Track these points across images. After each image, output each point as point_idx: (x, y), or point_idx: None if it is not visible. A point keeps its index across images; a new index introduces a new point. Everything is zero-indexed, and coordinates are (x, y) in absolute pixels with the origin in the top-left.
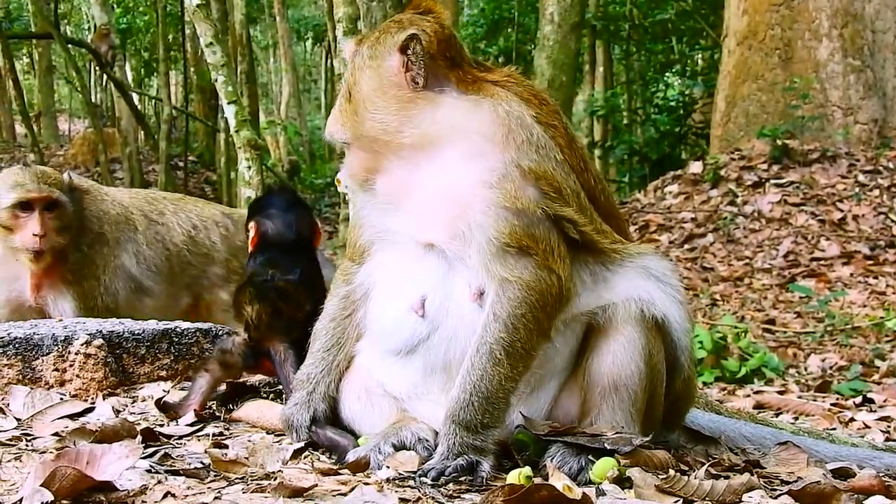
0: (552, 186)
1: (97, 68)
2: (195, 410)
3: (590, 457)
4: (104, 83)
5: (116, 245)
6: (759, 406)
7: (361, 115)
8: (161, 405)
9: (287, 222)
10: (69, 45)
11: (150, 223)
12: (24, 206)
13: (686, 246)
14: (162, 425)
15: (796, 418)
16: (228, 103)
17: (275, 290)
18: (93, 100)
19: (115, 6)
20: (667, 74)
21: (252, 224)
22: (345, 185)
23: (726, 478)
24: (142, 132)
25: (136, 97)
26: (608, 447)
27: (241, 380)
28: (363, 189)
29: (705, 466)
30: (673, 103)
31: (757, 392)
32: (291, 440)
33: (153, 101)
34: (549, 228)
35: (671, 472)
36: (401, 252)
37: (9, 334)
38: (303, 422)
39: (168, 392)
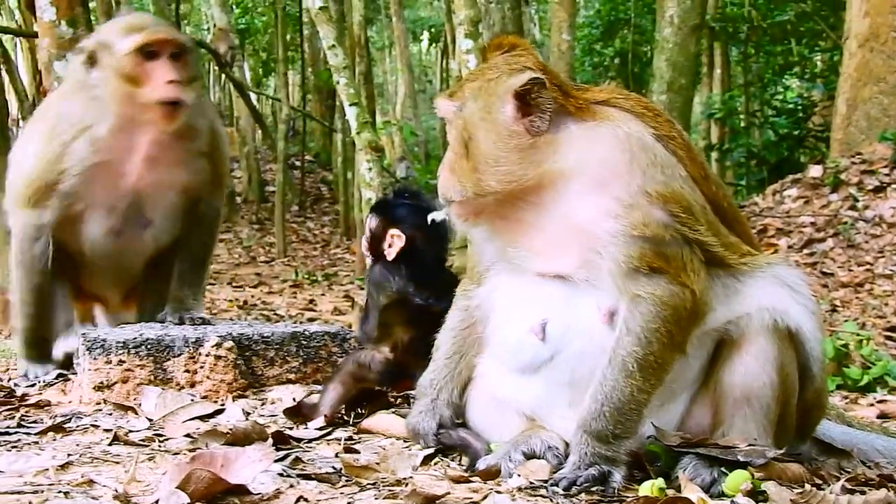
0: (681, 206)
1: (216, 68)
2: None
3: (722, 469)
4: (223, 83)
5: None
6: (883, 416)
7: (482, 171)
8: (290, 412)
9: (439, 238)
10: None
11: None
12: (149, 52)
13: (805, 251)
14: (291, 428)
15: None
16: (350, 105)
17: (430, 316)
18: (212, 99)
19: (234, 7)
20: (786, 76)
21: (397, 232)
22: (445, 218)
23: (862, 493)
24: (260, 131)
25: (254, 97)
26: (741, 459)
27: None
28: (473, 226)
29: (841, 481)
30: (792, 106)
31: (880, 401)
32: (420, 447)
33: (271, 100)
34: (680, 245)
35: (806, 486)
36: (520, 277)
37: (141, 335)
38: (429, 429)
39: (295, 400)
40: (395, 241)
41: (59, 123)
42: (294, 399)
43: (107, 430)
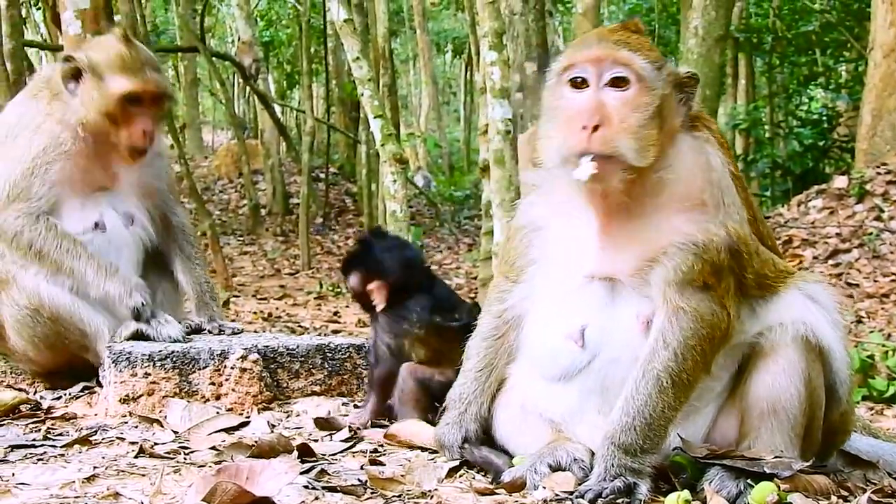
0: (747, 247)
1: (241, 80)
2: (349, 426)
3: (748, 481)
4: (247, 95)
5: None
6: None
7: (652, 143)
8: (319, 422)
9: (416, 262)
10: (214, 58)
11: None
12: (135, 99)
13: (830, 262)
14: (316, 441)
15: None
16: (374, 118)
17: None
18: (236, 112)
19: (258, 20)
20: (810, 87)
21: (375, 284)
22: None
23: None
24: (284, 144)
25: (278, 109)
26: (767, 471)
27: None
28: (603, 188)
29: (867, 493)
30: (816, 116)
31: None
32: (445, 459)
33: (295, 112)
34: (732, 274)
35: (832, 498)
36: (561, 278)
37: (167, 348)
38: (455, 441)
39: (330, 413)
40: (377, 292)
41: (22, 122)
42: (329, 412)
43: (132, 443)
